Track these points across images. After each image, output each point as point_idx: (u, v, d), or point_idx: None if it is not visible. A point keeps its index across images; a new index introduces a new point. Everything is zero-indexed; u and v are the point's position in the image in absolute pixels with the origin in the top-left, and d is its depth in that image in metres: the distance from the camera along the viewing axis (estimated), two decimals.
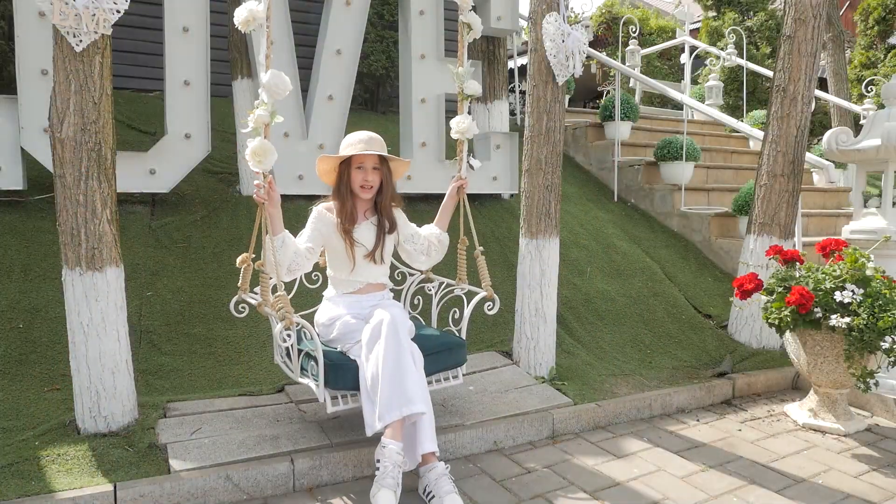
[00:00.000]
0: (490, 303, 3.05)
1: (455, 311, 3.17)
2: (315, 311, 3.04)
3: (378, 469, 2.43)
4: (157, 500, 2.41)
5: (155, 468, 2.54)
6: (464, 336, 3.05)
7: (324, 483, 2.67)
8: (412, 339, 2.73)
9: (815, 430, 3.38)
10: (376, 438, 2.56)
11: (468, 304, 3.05)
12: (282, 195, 4.68)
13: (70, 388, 2.83)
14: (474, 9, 3.20)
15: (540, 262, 3.69)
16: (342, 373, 2.63)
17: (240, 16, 2.50)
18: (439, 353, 2.86)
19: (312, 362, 2.65)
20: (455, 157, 3.29)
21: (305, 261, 2.78)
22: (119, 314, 2.79)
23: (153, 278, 3.84)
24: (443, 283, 3.25)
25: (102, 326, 2.73)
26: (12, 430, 2.71)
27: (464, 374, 3.05)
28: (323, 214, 2.86)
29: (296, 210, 4.50)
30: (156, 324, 3.56)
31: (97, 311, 2.71)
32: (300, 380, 2.76)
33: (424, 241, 3.07)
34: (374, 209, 2.94)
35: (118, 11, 2.61)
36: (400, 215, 3.01)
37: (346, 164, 2.86)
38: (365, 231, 2.88)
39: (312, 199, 4.73)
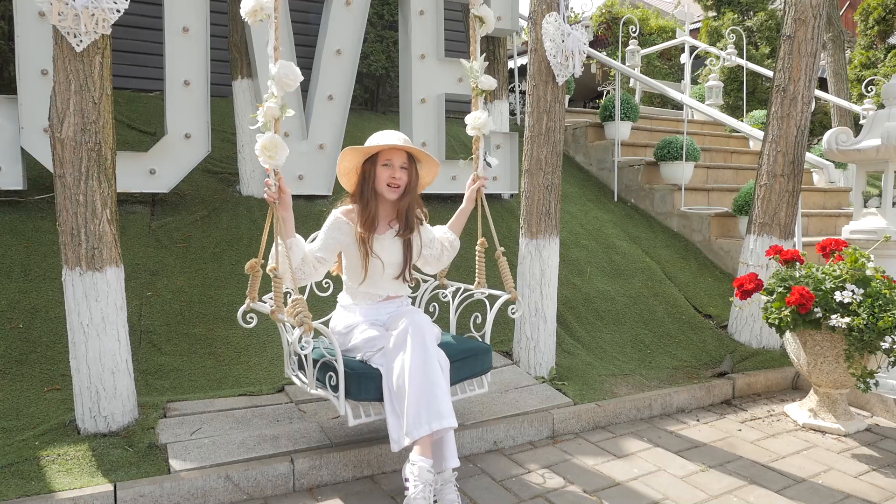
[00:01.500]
0: (513, 305, 2.96)
1: (477, 316, 3.07)
2: (326, 320, 2.93)
3: (408, 489, 2.29)
4: (157, 500, 2.41)
5: (155, 468, 2.54)
6: (488, 341, 2.94)
7: (324, 483, 2.67)
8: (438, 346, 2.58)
9: (815, 430, 3.38)
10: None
11: (491, 307, 2.95)
12: None
13: (70, 388, 2.83)
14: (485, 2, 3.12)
15: (540, 262, 3.69)
16: (365, 382, 2.48)
17: (247, 6, 2.39)
18: (465, 360, 2.73)
19: (330, 373, 2.48)
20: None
21: (313, 270, 2.60)
22: (119, 314, 2.79)
23: (153, 278, 3.84)
24: (459, 288, 3.12)
25: (102, 326, 2.73)
26: (12, 430, 2.71)
27: (489, 382, 2.94)
28: (340, 223, 2.65)
29: (296, 210, 4.47)
30: (156, 324, 3.56)
31: (97, 311, 2.71)
32: (315, 391, 2.57)
33: (438, 245, 2.89)
34: (398, 218, 2.72)
35: (118, 11, 2.61)
36: (423, 221, 2.86)
37: (370, 162, 2.67)
38: (387, 243, 2.68)
39: (312, 199, 4.78)
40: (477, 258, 3.10)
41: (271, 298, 2.55)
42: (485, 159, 3.15)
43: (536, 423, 3.15)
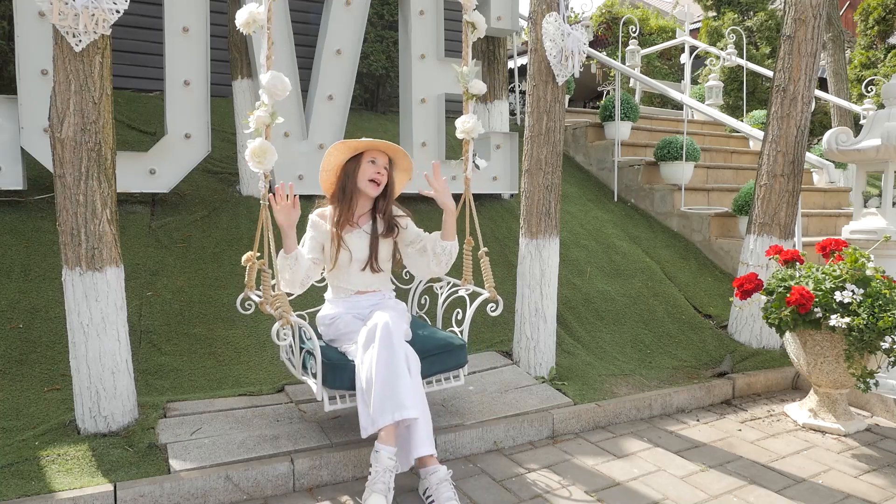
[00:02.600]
0: (493, 304, 3.02)
1: (458, 312, 3.15)
2: (316, 311, 3.05)
3: (370, 473, 2.44)
4: (157, 500, 2.41)
5: (155, 468, 2.54)
6: (465, 337, 3.02)
7: (324, 483, 2.67)
8: (411, 341, 2.73)
9: (815, 430, 3.38)
10: (375, 439, 2.56)
11: (471, 304, 3.03)
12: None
13: (70, 388, 2.83)
14: (477, 8, 3.19)
15: (540, 262, 3.69)
16: (339, 373, 2.64)
17: (241, 18, 2.52)
18: (439, 355, 2.84)
19: (313, 360, 2.67)
20: (460, 157, 3.27)
21: (314, 273, 2.83)
22: (119, 314, 2.79)
23: (153, 278, 3.84)
24: (449, 282, 3.24)
25: (102, 326, 2.73)
26: (12, 430, 2.71)
27: (465, 375, 3.03)
28: (318, 223, 2.87)
29: None
30: (156, 324, 3.56)
31: (97, 311, 2.71)
32: (301, 377, 2.78)
33: (424, 244, 2.93)
34: (371, 217, 2.91)
35: (118, 11, 2.61)
36: (405, 220, 2.96)
37: (353, 161, 2.85)
38: (356, 238, 2.86)
39: (313, 199, 4.75)
40: (464, 256, 3.17)
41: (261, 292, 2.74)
42: (474, 161, 3.22)
43: (536, 423, 3.15)
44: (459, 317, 3.13)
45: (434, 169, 2.82)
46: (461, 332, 3.05)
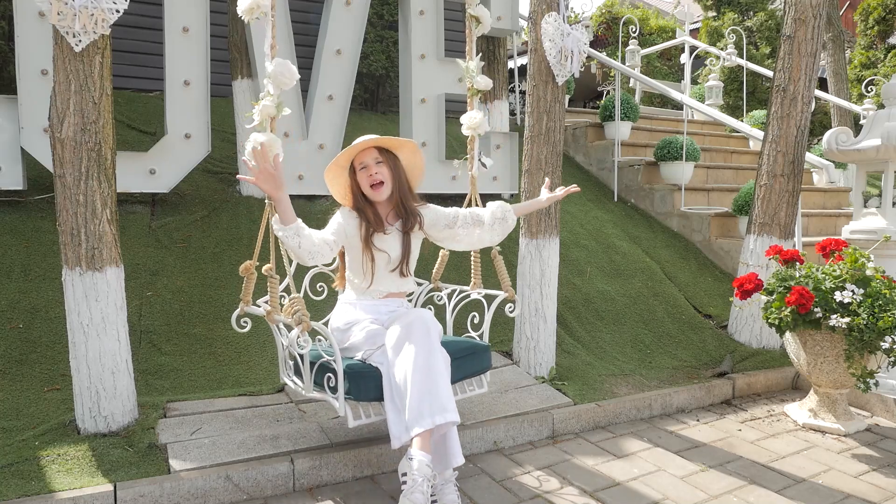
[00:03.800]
0: (511, 304, 2.96)
1: (474, 316, 3.07)
2: (323, 322, 2.89)
3: (405, 483, 2.24)
4: (157, 500, 2.41)
5: (155, 468, 2.54)
6: (486, 340, 2.94)
7: (324, 483, 2.67)
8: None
9: (815, 430, 3.38)
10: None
11: (488, 307, 2.96)
12: None
13: (70, 388, 2.83)
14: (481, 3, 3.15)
15: (540, 262, 3.69)
16: (365, 382, 2.44)
17: (243, 3, 2.38)
18: (464, 358, 2.72)
19: (329, 374, 2.45)
20: (464, 156, 3.22)
21: (328, 250, 2.50)
22: (119, 314, 2.79)
23: (153, 278, 3.84)
24: (455, 290, 3.13)
25: (102, 326, 2.73)
26: (12, 430, 2.71)
27: (487, 382, 2.92)
28: (352, 215, 2.64)
29: (296, 210, 4.50)
30: (156, 324, 3.56)
31: (97, 311, 2.71)
32: (313, 394, 2.55)
33: (472, 217, 2.78)
34: (397, 213, 2.70)
35: (117, 11, 2.61)
36: (428, 208, 2.77)
37: (351, 175, 2.67)
38: (389, 239, 2.67)
39: (312, 199, 4.78)
40: (472, 258, 3.12)
41: (266, 301, 2.53)
42: (480, 160, 3.15)
43: (536, 423, 3.15)
44: (476, 320, 3.03)
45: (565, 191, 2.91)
46: (481, 336, 2.96)
